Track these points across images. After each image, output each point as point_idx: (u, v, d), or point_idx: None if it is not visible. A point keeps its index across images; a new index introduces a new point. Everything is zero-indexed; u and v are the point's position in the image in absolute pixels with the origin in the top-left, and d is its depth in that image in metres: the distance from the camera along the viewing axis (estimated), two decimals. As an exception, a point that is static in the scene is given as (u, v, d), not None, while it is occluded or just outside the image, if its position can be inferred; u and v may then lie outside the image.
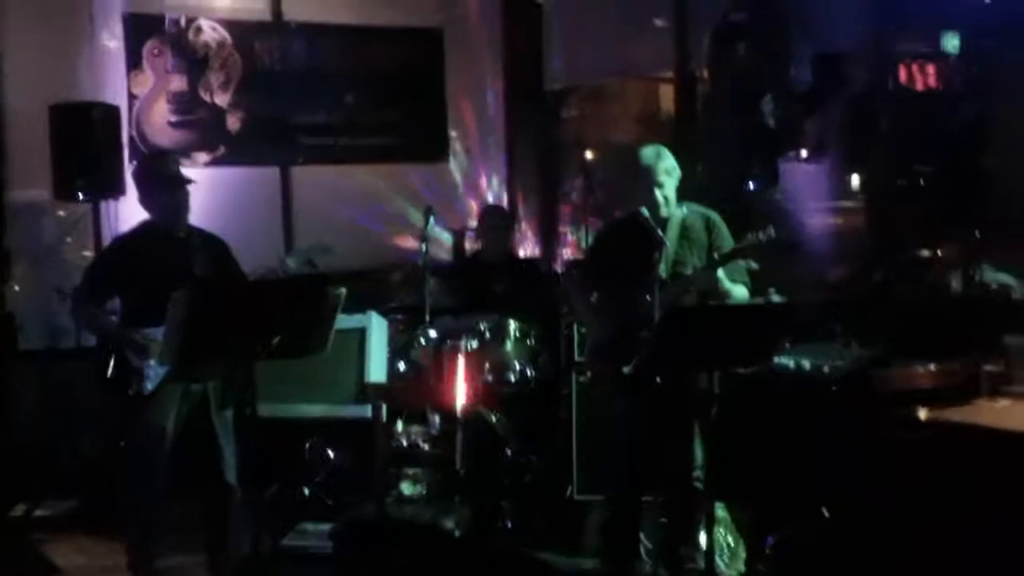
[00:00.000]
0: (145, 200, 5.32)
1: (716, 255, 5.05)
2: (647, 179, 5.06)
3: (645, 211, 5.02)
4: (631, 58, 8.06)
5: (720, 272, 4.99)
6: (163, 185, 5.27)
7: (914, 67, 6.41)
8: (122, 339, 5.17)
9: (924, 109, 6.41)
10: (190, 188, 5.29)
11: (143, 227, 5.37)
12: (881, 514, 5.04)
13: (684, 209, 5.17)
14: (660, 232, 4.98)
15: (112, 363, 5.30)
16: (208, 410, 5.27)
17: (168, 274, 4.96)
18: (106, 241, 6.77)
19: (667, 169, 5.08)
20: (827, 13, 6.38)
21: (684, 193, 5.21)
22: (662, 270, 4.96)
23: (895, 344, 5.63)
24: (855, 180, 6.81)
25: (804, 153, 6.71)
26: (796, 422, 5.40)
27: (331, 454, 6.32)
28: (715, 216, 5.25)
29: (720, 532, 5.39)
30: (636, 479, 5.19)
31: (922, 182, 6.51)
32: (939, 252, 6.40)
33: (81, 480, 6.72)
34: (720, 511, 5.39)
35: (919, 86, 6.44)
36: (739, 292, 5.06)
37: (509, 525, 5.98)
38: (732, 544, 5.47)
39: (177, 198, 5.27)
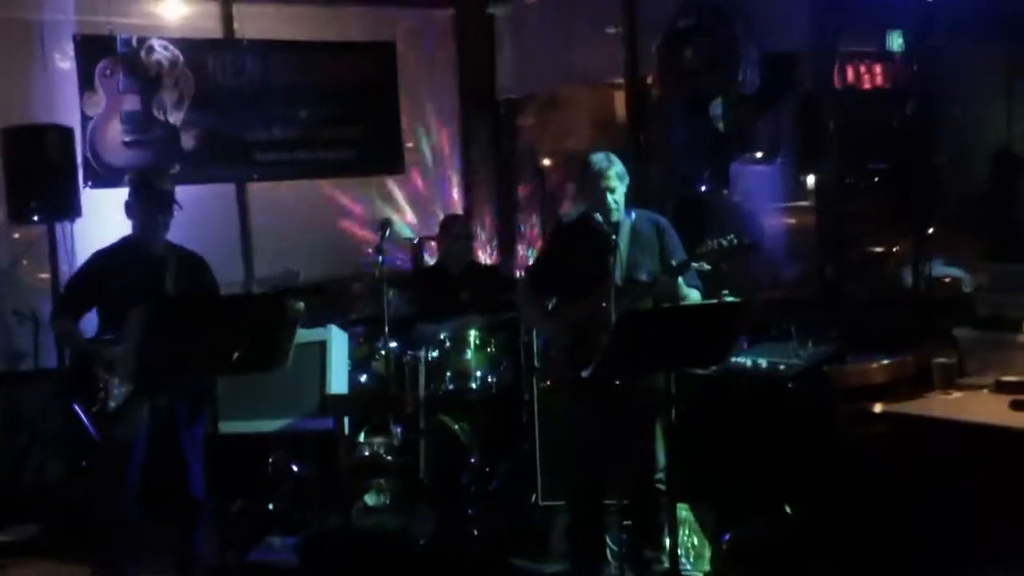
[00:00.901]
0: (129, 213, 5.35)
1: (674, 262, 5.10)
2: (598, 184, 5.12)
3: (598, 216, 5.09)
4: (583, 65, 8.11)
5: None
6: (146, 201, 5.30)
7: (861, 66, 6.48)
8: (91, 354, 5.18)
9: (872, 107, 6.47)
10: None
11: (123, 242, 5.41)
12: (840, 508, 5.11)
13: (634, 215, 5.24)
14: (613, 236, 5.04)
15: (80, 379, 5.32)
16: (176, 426, 5.28)
17: (142, 290, 5.00)
18: (62, 263, 6.77)
19: (618, 174, 5.14)
20: (773, 15, 6.45)
21: (638, 197, 5.27)
22: (617, 275, 5.01)
23: (849, 340, 5.72)
24: (809, 180, 6.88)
25: (757, 155, 6.77)
26: (755, 421, 5.47)
27: (295, 467, 6.33)
28: (665, 221, 5.33)
29: (684, 533, 5.45)
30: (599, 483, 5.23)
31: (874, 179, 6.58)
32: (891, 248, 6.49)
33: (43, 504, 6.68)
34: (684, 512, 5.45)
35: (866, 85, 6.49)
36: (694, 295, 5.12)
37: (475, 532, 6.01)
38: (697, 544, 5.53)
39: (157, 216, 5.30)
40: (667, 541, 4.95)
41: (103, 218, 6.89)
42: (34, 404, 6.81)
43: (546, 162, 9.08)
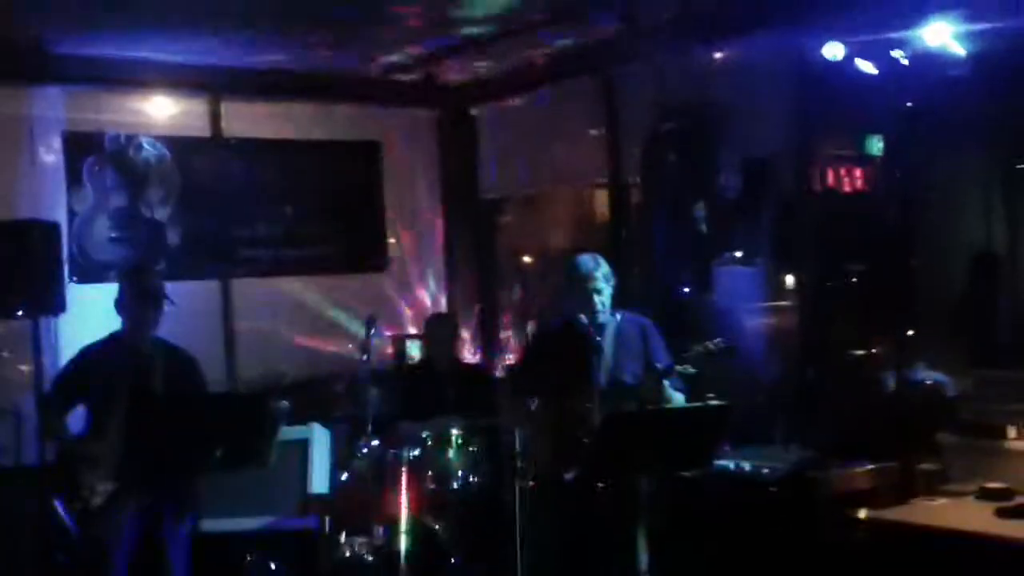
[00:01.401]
0: (119, 309, 5.36)
1: (659, 365, 5.12)
2: (586, 286, 5.16)
3: (583, 317, 5.12)
4: (564, 166, 8.21)
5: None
6: (137, 298, 5.31)
7: (841, 170, 6.57)
8: (76, 451, 5.14)
9: (852, 211, 6.53)
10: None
11: (111, 338, 5.41)
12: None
13: (619, 316, 5.27)
14: (597, 338, 5.06)
15: (64, 476, 5.27)
16: (160, 526, 5.23)
17: (129, 387, 4.99)
18: (45, 358, 6.71)
19: (604, 275, 5.19)
20: (753, 119, 6.55)
21: (620, 298, 5.30)
22: (601, 378, 5.02)
23: (832, 445, 5.73)
24: (788, 280, 6.93)
25: (737, 255, 6.83)
26: (738, 524, 5.45)
27: (273, 567, 6.25)
28: (649, 323, 5.36)
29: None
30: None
31: (853, 280, 6.64)
32: (872, 350, 6.52)
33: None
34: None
35: (846, 188, 6.58)
36: (678, 398, 5.14)
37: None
38: (679, 649, 5.47)
39: (146, 313, 5.33)
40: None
41: (88, 313, 6.87)
42: (13, 500, 6.71)
43: (527, 260, 9.14)
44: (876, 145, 6.48)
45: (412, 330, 8.38)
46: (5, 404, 6.88)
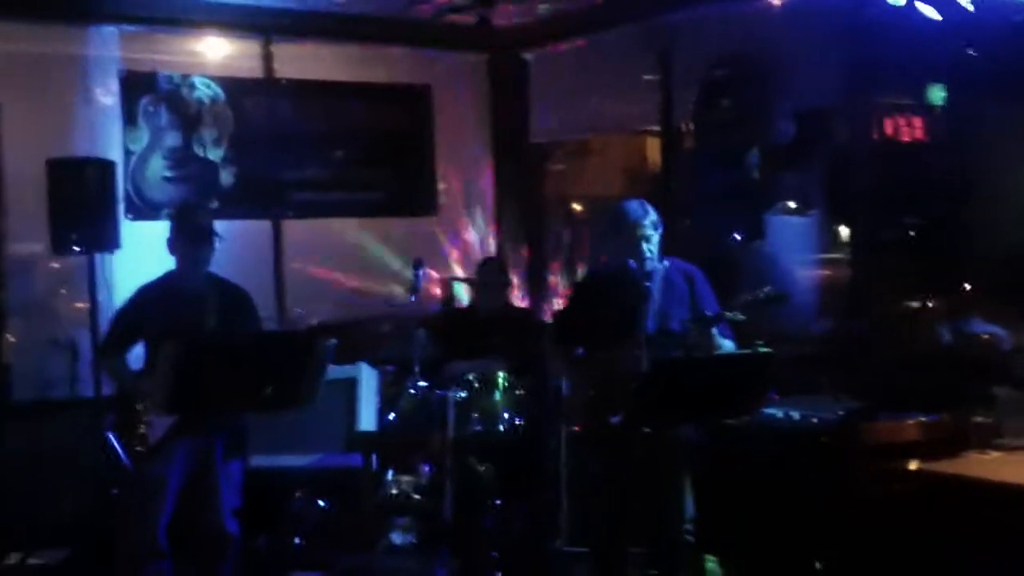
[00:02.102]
0: (171, 248, 5.41)
1: (708, 313, 5.08)
2: (634, 233, 5.11)
3: (632, 263, 5.09)
4: (616, 113, 8.15)
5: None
6: (186, 237, 5.35)
7: (900, 119, 6.47)
8: (135, 388, 5.21)
9: (910, 161, 6.45)
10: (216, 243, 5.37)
11: (166, 277, 5.45)
12: (870, 566, 5.07)
13: (666, 263, 5.23)
14: (647, 284, 5.04)
15: (122, 411, 5.36)
16: (213, 462, 5.30)
17: (183, 324, 5.04)
18: (100, 294, 6.83)
19: (653, 222, 5.13)
20: (810, 67, 6.46)
21: (668, 246, 5.27)
22: (648, 324, 5.00)
23: (883, 396, 5.68)
24: (843, 232, 6.86)
25: (791, 205, 6.76)
26: (786, 473, 5.43)
27: (321, 504, 6.33)
28: (697, 271, 5.31)
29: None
30: (623, 531, 5.20)
31: (908, 234, 6.57)
32: (927, 303, 6.45)
33: (74, 530, 6.71)
34: (710, 564, 5.42)
35: (904, 138, 6.49)
36: (727, 346, 5.11)
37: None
38: (722, 597, 5.49)
39: (197, 251, 5.35)
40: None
41: (142, 250, 6.96)
42: (69, 432, 6.85)
43: (576, 207, 9.11)
44: (938, 94, 6.38)
45: (460, 274, 8.39)
46: (62, 338, 7.00)
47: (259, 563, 5.87)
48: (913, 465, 4.99)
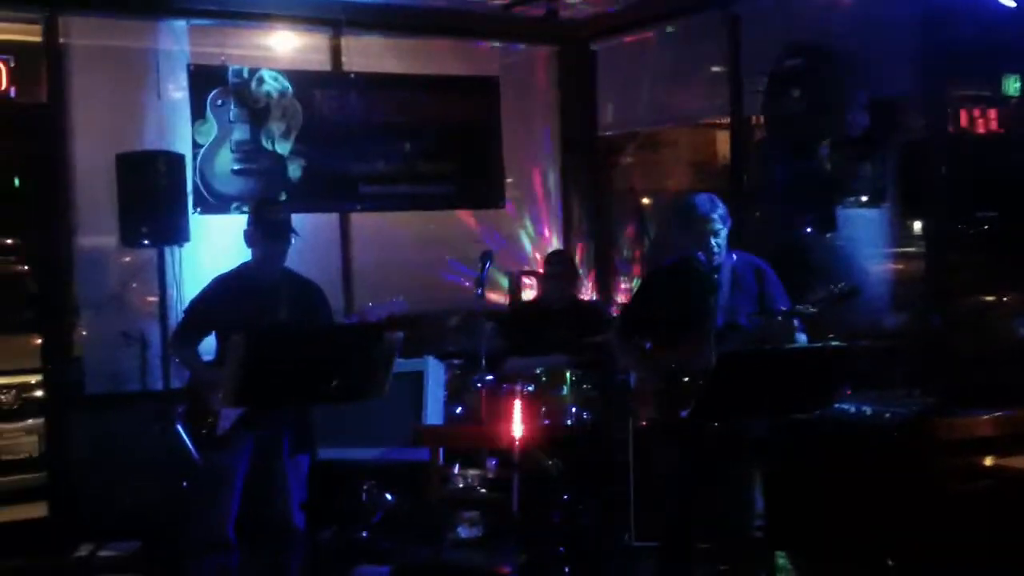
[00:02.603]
0: (248, 241, 5.44)
1: (779, 307, 5.02)
2: (703, 227, 5.07)
3: (701, 256, 5.04)
4: (685, 104, 8.09)
5: None
6: (264, 231, 5.37)
7: (974, 111, 6.37)
8: (206, 379, 5.25)
9: (985, 154, 6.34)
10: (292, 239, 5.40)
11: (241, 269, 5.50)
12: (944, 563, 4.98)
13: (734, 257, 5.18)
14: (716, 276, 4.99)
15: (192, 403, 5.41)
16: (279, 455, 5.33)
17: (257, 317, 5.08)
18: (170, 287, 6.89)
19: (721, 216, 5.09)
20: (882, 58, 6.36)
21: (738, 240, 5.21)
22: (717, 318, 4.96)
23: (955, 392, 5.58)
24: (916, 226, 6.75)
25: (863, 198, 6.67)
26: (858, 469, 5.35)
27: (388, 497, 6.35)
28: (766, 265, 5.25)
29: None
30: (690, 527, 5.15)
31: (984, 228, 6.45)
32: (1001, 299, 6.34)
33: (145, 521, 6.79)
34: (781, 560, 5.35)
35: (979, 130, 6.38)
36: (801, 339, 5.04)
37: (566, 570, 5.97)
38: (793, 594, 5.43)
39: (274, 246, 5.39)
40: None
41: (210, 244, 7.04)
42: (139, 425, 6.92)
43: (646, 201, 9.05)
44: (1013, 85, 6.27)
45: (528, 267, 8.37)
46: (132, 332, 7.08)
47: (325, 556, 5.89)
48: (988, 461, 4.90)
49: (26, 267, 9.01)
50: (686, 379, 4.98)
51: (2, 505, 7.60)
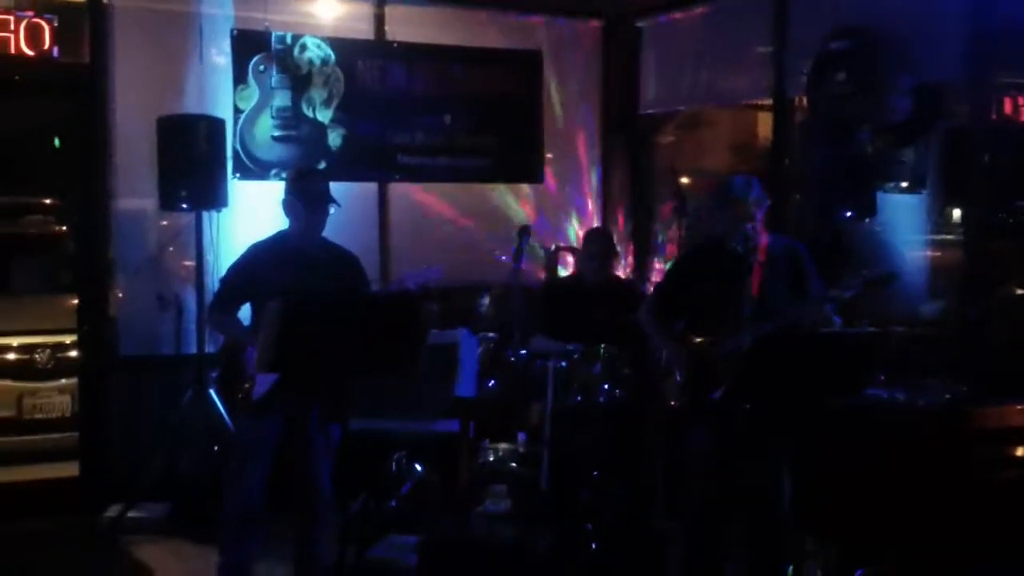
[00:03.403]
0: (287, 210, 5.43)
1: (813, 290, 4.99)
2: (736, 209, 5.04)
3: (735, 238, 5.02)
4: (729, 84, 8.03)
5: None
6: (305, 200, 5.36)
7: (1019, 99, 6.30)
8: (244, 345, 5.26)
9: (1029, 143, 6.30)
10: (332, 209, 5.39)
11: (278, 237, 5.46)
12: (975, 553, 4.95)
13: (770, 239, 5.15)
14: (749, 259, 4.97)
15: (228, 368, 5.43)
16: (312, 424, 5.34)
17: (293, 286, 5.07)
18: (207, 252, 6.93)
19: (756, 200, 5.06)
20: (928, 43, 6.29)
21: (777, 223, 5.18)
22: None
23: (991, 381, 5.54)
24: (956, 214, 6.70)
25: (903, 184, 6.61)
26: (889, 456, 5.32)
27: (418, 468, 6.37)
28: (801, 248, 5.22)
29: (808, 568, 5.33)
30: (719, 510, 5.15)
31: (1024, 217, 6.40)
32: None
33: (176, 484, 6.85)
34: (809, 545, 5.33)
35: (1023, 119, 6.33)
36: (836, 323, 5.02)
37: (593, 547, 5.97)
38: (821, 579, 5.40)
39: (314, 217, 5.36)
40: (790, 574, 4.85)
41: (249, 209, 7.06)
42: (172, 388, 6.98)
43: (685, 181, 9.01)
44: (1059, 74, 6.20)
45: (565, 244, 8.35)
46: (168, 295, 7.12)
47: (355, 524, 5.92)
48: (1020, 451, 4.86)
49: (64, 228, 9.09)
50: (718, 361, 4.96)
51: (34, 463, 7.70)
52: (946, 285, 6.64)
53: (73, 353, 7.77)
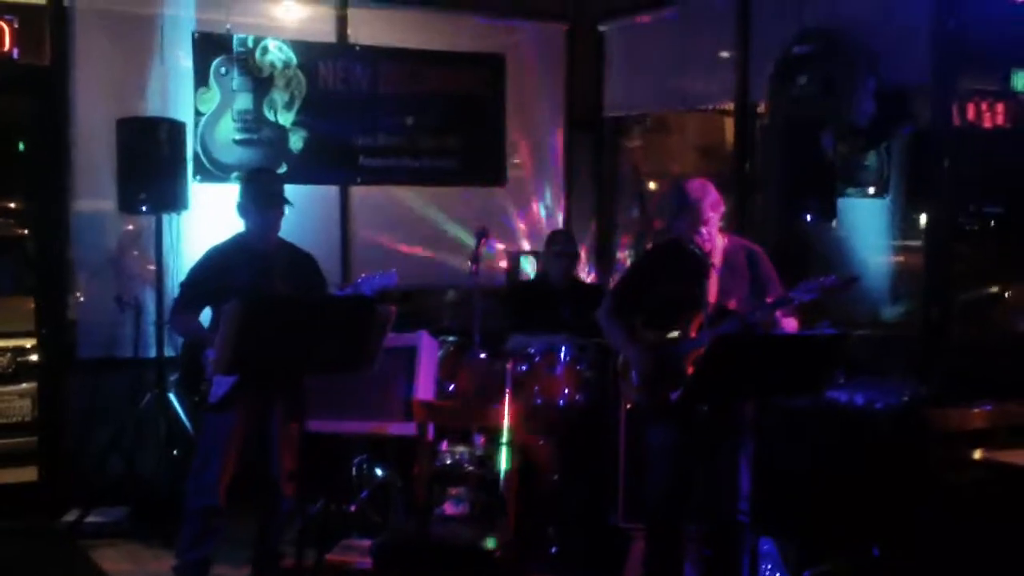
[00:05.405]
0: (241, 212, 5.43)
1: (770, 299, 4.99)
2: (692, 214, 5.04)
3: (692, 240, 5.02)
4: (692, 89, 8.04)
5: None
6: (258, 202, 5.36)
7: (982, 105, 6.33)
8: (205, 346, 5.24)
9: (991, 147, 6.31)
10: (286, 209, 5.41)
11: (236, 240, 5.48)
12: (930, 554, 4.97)
13: (727, 241, 5.16)
14: (707, 261, 4.96)
15: (187, 369, 5.41)
16: (271, 423, 5.33)
17: (251, 287, 5.07)
18: (167, 254, 6.89)
19: (712, 203, 5.07)
20: (892, 48, 6.32)
21: (741, 226, 5.18)
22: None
23: (950, 383, 5.56)
24: (921, 219, 6.72)
25: (869, 190, 6.63)
26: (847, 457, 5.34)
27: (378, 470, 6.34)
28: (758, 250, 5.23)
29: (766, 567, 5.33)
30: (678, 510, 5.14)
31: (989, 223, 6.42)
32: (1003, 293, 6.31)
33: (132, 489, 6.80)
34: (766, 546, 5.33)
35: (987, 124, 6.34)
36: (790, 324, 5.02)
37: (553, 550, 5.95)
38: (778, 579, 5.41)
39: (268, 216, 5.39)
40: (747, 574, 4.85)
41: (209, 212, 7.02)
42: (130, 390, 6.94)
43: (651, 186, 9.02)
44: (1022, 80, 6.23)
45: (527, 246, 8.34)
46: (127, 297, 7.07)
47: (313, 526, 5.89)
48: (978, 454, 4.88)
49: (26, 230, 9.02)
50: (676, 361, 4.95)
51: (-7, 467, 7.64)
52: (909, 288, 6.66)
53: (34, 357, 7.71)
